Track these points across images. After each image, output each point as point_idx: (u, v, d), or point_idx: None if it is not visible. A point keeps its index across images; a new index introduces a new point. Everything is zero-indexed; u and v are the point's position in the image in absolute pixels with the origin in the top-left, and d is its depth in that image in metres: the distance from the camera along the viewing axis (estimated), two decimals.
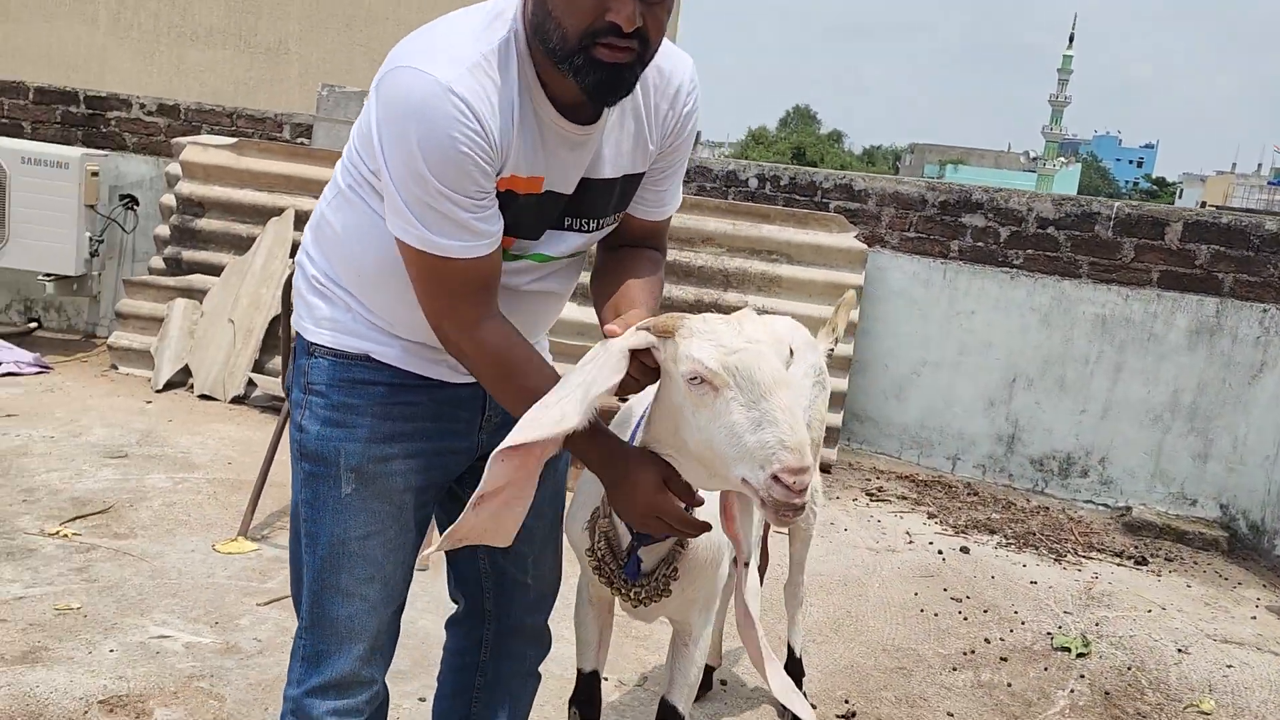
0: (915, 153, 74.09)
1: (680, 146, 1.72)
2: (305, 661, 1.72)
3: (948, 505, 5.06)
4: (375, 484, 1.68)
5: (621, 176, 1.66)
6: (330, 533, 1.69)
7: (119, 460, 4.31)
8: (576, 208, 1.64)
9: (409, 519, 1.74)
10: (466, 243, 1.48)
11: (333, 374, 1.67)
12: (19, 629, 2.88)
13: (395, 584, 1.74)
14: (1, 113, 6.22)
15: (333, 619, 1.70)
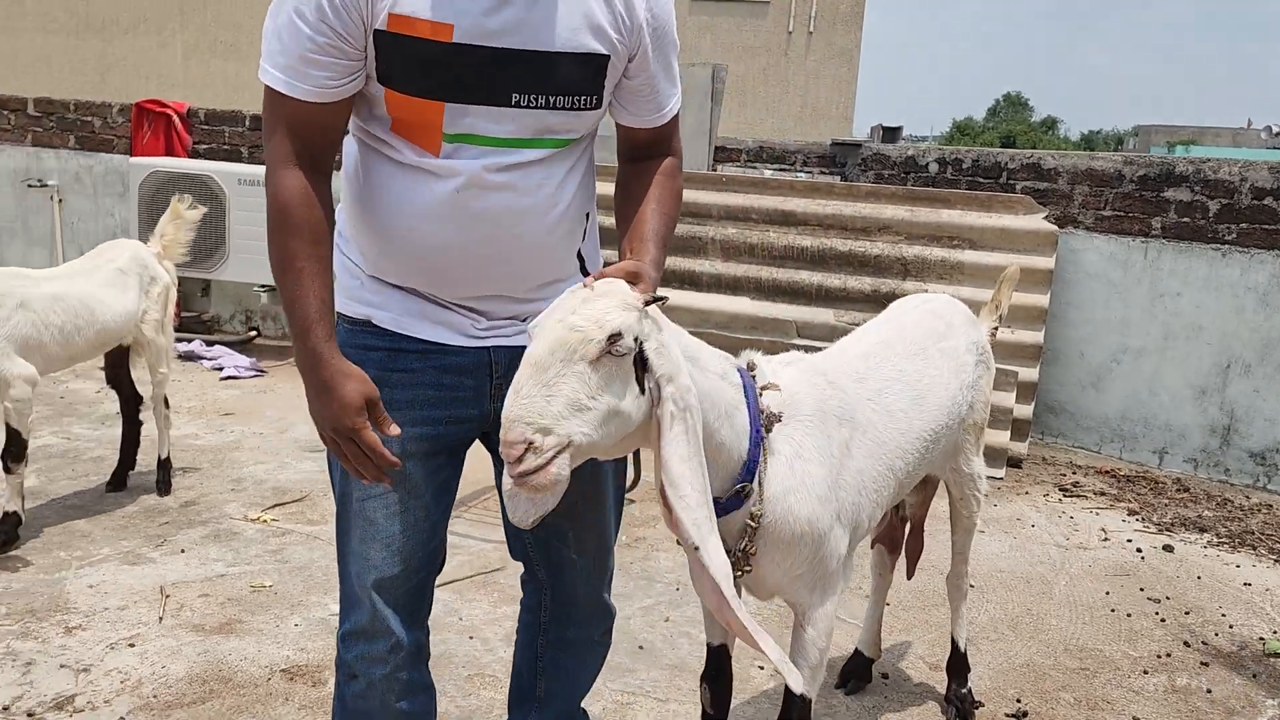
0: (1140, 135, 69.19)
1: (657, 39, 1.67)
2: (341, 610, 1.84)
3: (1152, 502, 4.68)
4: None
5: (579, 52, 1.59)
6: (341, 492, 1.78)
7: (317, 454, 4.62)
8: (524, 80, 1.57)
9: (417, 485, 1.75)
10: (296, 83, 1.53)
11: (344, 339, 1.70)
12: (218, 603, 3.14)
13: (403, 545, 1.76)
14: (224, 140, 6.82)
15: (346, 574, 1.80)
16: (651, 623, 3.20)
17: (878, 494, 2.06)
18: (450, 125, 1.58)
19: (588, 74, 1.63)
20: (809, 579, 1.89)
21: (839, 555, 1.91)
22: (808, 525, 1.81)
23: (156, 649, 2.84)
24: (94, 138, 6.96)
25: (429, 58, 1.53)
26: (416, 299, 1.73)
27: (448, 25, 1.51)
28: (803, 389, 1.88)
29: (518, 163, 1.63)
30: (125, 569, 3.33)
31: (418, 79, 1.54)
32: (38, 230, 7.05)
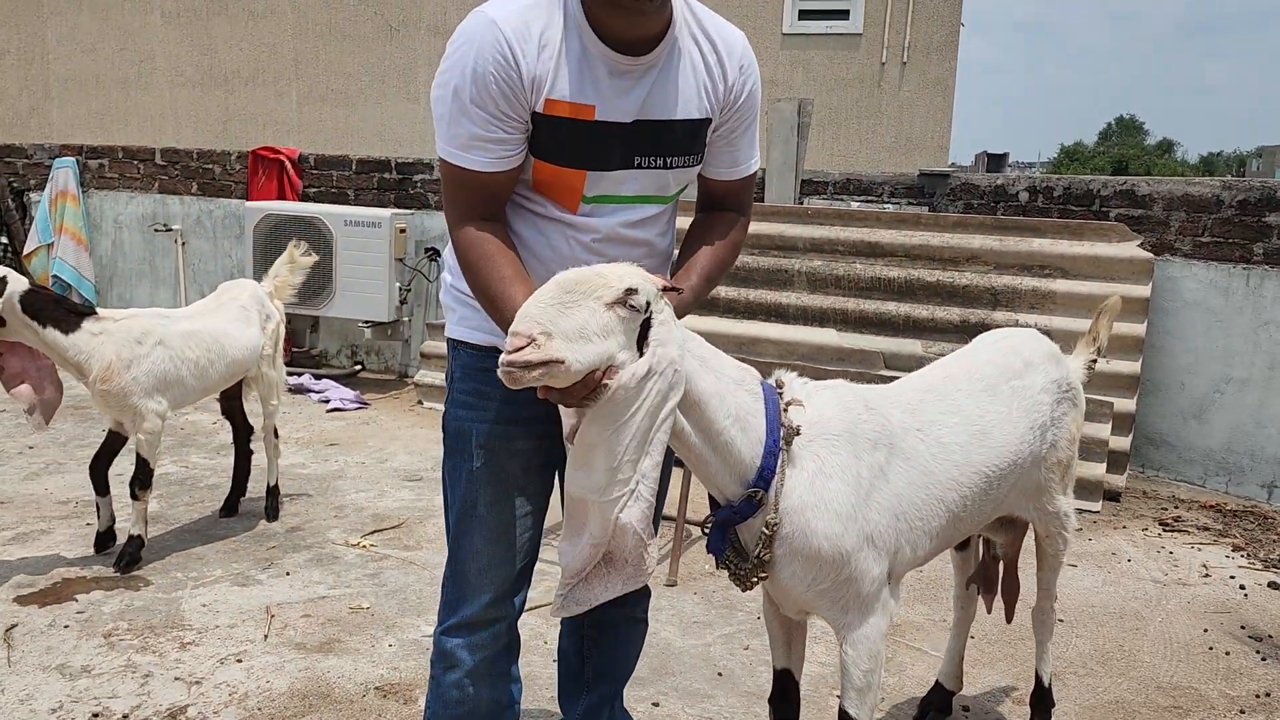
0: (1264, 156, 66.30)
1: (743, 109, 1.93)
2: (445, 605, 2.03)
3: (1260, 538, 4.52)
4: (500, 460, 1.93)
5: (685, 119, 1.86)
6: (463, 499, 1.96)
7: (414, 483, 4.82)
8: (645, 145, 1.83)
9: (533, 490, 1.99)
10: (475, 156, 1.75)
11: (468, 363, 1.95)
12: (319, 623, 3.32)
13: (518, 545, 2.00)
14: (331, 183, 7.17)
15: (463, 572, 1.99)
16: (732, 650, 3.24)
17: (924, 523, 2.05)
18: (589, 189, 1.83)
19: (693, 137, 1.89)
20: (837, 597, 1.92)
21: (872, 578, 1.92)
22: (827, 541, 1.85)
23: (262, 665, 3.02)
24: (214, 184, 7.40)
25: (575, 134, 1.78)
26: None
27: (590, 106, 1.77)
28: (834, 410, 1.93)
29: (644, 218, 1.91)
30: (235, 589, 3.54)
31: (565, 152, 1.79)
32: (163, 271, 7.52)
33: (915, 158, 10.13)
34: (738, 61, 1.91)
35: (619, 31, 1.75)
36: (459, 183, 1.78)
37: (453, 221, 1.81)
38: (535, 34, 1.72)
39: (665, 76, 1.83)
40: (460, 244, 1.79)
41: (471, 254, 1.77)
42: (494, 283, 1.73)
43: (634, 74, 1.79)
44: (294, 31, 11.74)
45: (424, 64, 11.34)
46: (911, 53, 10.10)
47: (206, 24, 11.94)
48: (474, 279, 1.77)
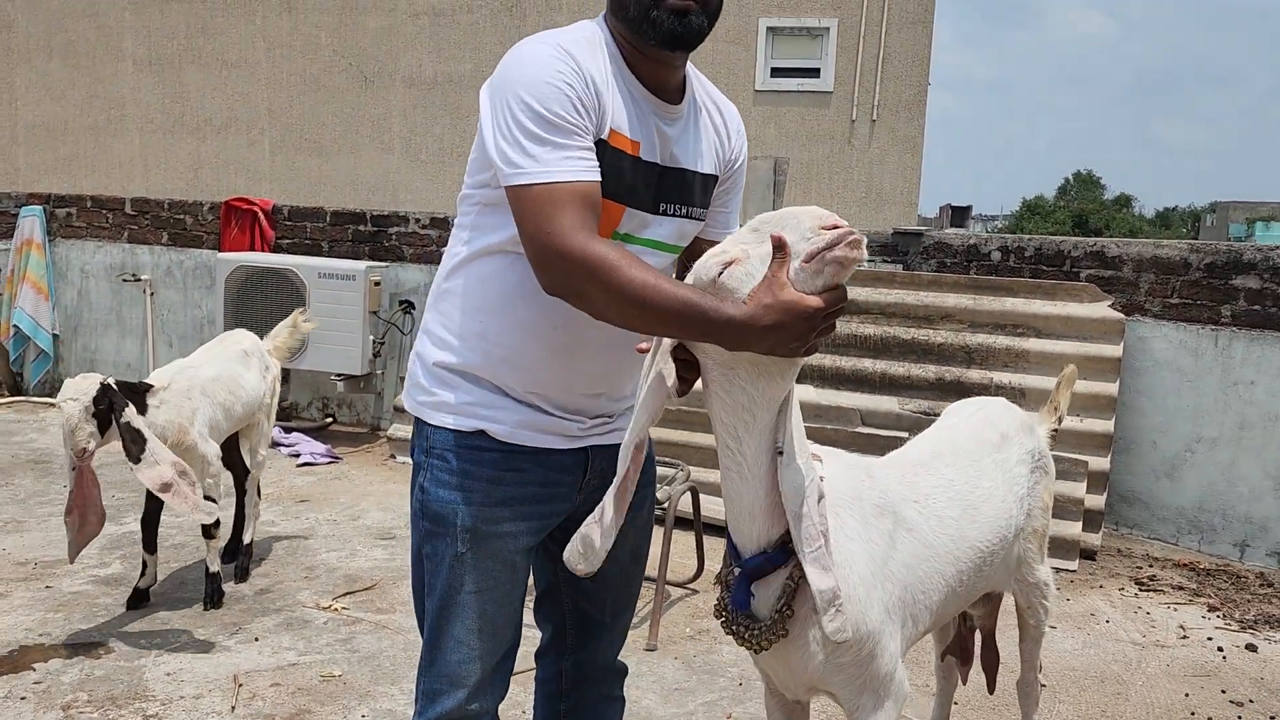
0: (1218, 211, 67.84)
1: (738, 173, 2.00)
2: (424, 697, 1.92)
3: (1234, 597, 4.53)
4: (487, 544, 1.84)
5: (704, 173, 1.89)
6: (446, 586, 1.85)
7: (387, 541, 4.73)
8: (669, 192, 1.83)
9: (519, 575, 1.90)
10: (570, 166, 1.64)
11: (453, 444, 1.83)
12: (289, 692, 3.22)
13: (503, 633, 1.91)
14: (305, 234, 7.13)
15: (445, 663, 1.88)
16: (714, 718, 3.18)
17: (926, 597, 2.04)
18: (622, 225, 1.79)
19: (706, 192, 1.91)
20: (855, 674, 1.86)
21: (891, 654, 1.88)
22: (849, 604, 1.77)
23: None
24: (185, 234, 7.34)
25: (624, 167, 1.75)
26: (527, 410, 1.85)
27: (636, 142, 1.76)
28: (839, 475, 1.90)
29: (664, 266, 1.87)
30: (201, 657, 3.43)
31: (615, 185, 1.74)
32: (130, 322, 7.41)
33: (885, 212, 10.26)
34: (736, 126, 1.98)
35: (649, 78, 1.78)
36: (561, 201, 1.62)
37: (564, 240, 1.59)
38: (595, 64, 1.72)
39: (688, 128, 1.86)
40: (585, 260, 1.58)
41: (606, 264, 1.57)
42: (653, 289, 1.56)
43: (666, 119, 1.81)
44: (267, 81, 11.74)
45: (398, 115, 11.37)
46: (881, 110, 10.28)
47: (179, 72, 11.92)
48: (626, 291, 1.56)
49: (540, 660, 2.20)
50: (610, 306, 1.59)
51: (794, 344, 1.52)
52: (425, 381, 1.90)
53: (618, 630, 2.17)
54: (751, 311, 1.51)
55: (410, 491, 1.95)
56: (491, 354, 1.84)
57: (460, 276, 1.89)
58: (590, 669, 2.17)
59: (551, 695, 2.20)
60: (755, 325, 1.51)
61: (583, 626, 2.13)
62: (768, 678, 2.06)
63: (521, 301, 1.79)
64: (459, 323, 1.87)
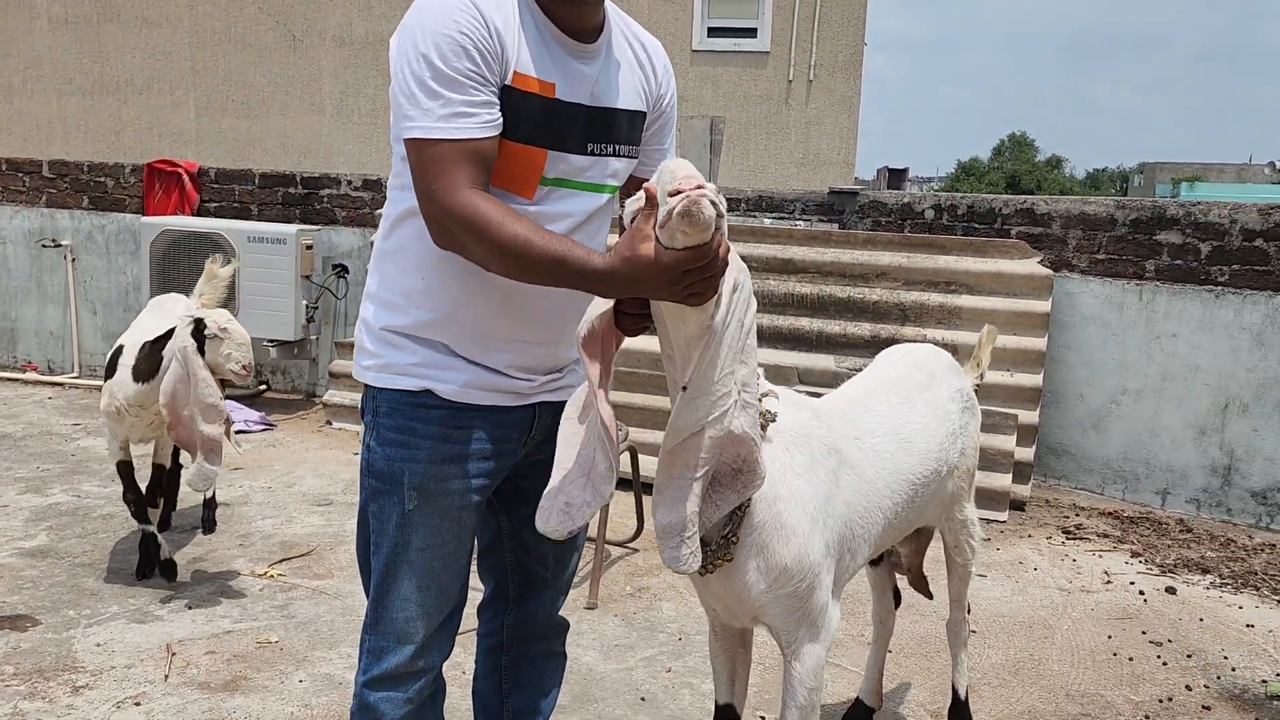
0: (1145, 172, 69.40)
1: (667, 110, 1.98)
2: (369, 655, 1.92)
3: (1155, 543, 4.69)
4: (435, 501, 1.84)
5: (629, 109, 1.88)
6: (393, 543, 1.86)
7: (324, 507, 4.68)
8: (595, 131, 1.82)
9: (465, 532, 1.91)
10: (459, 124, 1.64)
11: (397, 402, 1.83)
12: (224, 660, 3.18)
13: (450, 589, 1.92)
14: (234, 198, 6.95)
15: (391, 620, 1.88)
16: (654, 673, 3.22)
17: (866, 530, 2.11)
18: (549, 170, 1.78)
19: (634, 128, 1.91)
20: (794, 607, 1.91)
21: (826, 587, 1.94)
22: (795, 538, 1.85)
23: (162, 708, 2.88)
24: (107, 198, 7.11)
25: (539, 109, 1.74)
26: (476, 370, 1.84)
27: (551, 84, 1.74)
28: (788, 415, 1.94)
29: (595, 209, 1.87)
30: (133, 627, 3.37)
31: (529, 128, 1.73)
32: (51, 289, 7.18)
33: (822, 173, 10.32)
34: (662, 63, 1.97)
35: (564, 19, 1.76)
36: (447, 159, 1.64)
37: (446, 196, 1.63)
38: (499, 9, 1.70)
39: (608, 66, 1.84)
40: (465, 214, 1.62)
41: (485, 219, 1.61)
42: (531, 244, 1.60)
43: (583, 59, 1.79)
44: (191, 39, 11.37)
45: (328, 75, 11.10)
46: (818, 71, 10.29)
47: (97, 30, 11.49)
48: (502, 244, 1.61)
49: (482, 615, 2.21)
50: (491, 260, 1.66)
51: (662, 293, 1.56)
52: (371, 346, 1.89)
53: (559, 586, 2.19)
54: (611, 263, 1.57)
55: (360, 452, 1.94)
56: (439, 309, 1.83)
57: (397, 236, 1.87)
58: (532, 624, 2.19)
59: (493, 649, 2.22)
60: (614, 276, 1.57)
61: (524, 581, 2.15)
62: (713, 613, 2.10)
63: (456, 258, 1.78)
64: (402, 283, 1.85)
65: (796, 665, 1.97)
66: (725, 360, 1.64)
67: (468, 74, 1.65)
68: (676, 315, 1.62)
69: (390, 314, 1.86)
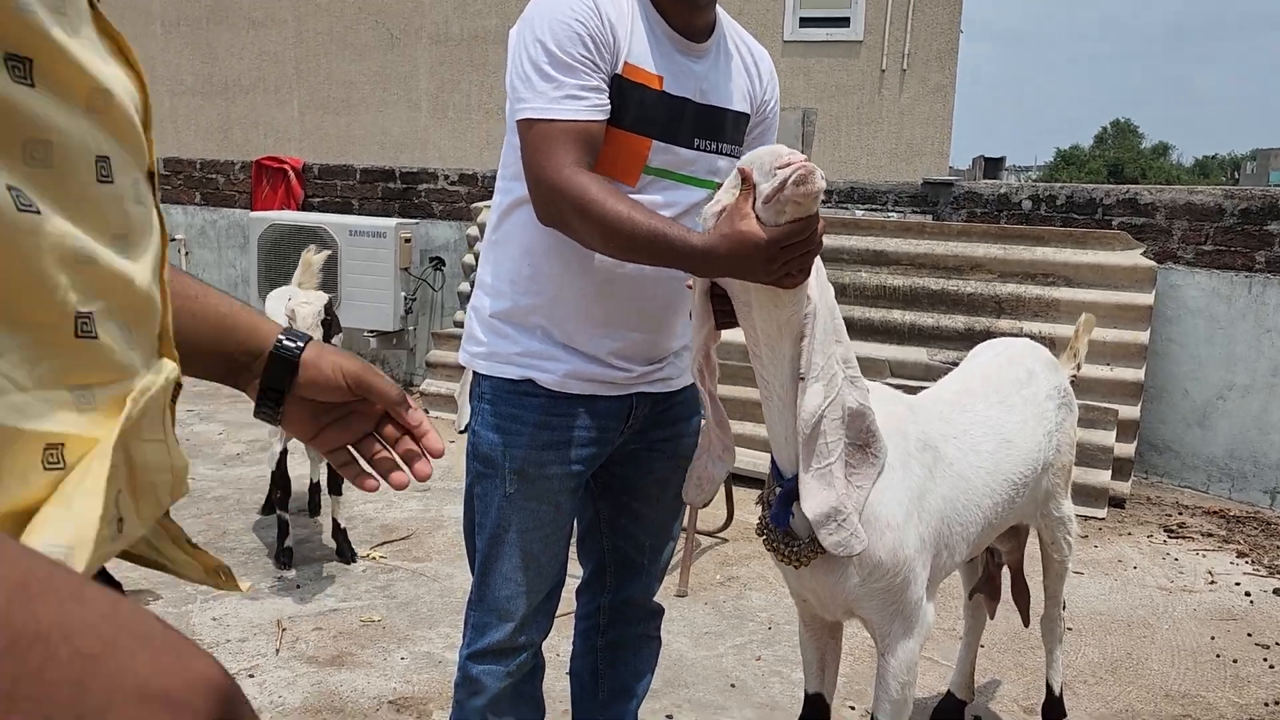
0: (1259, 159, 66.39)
1: (770, 116, 2.03)
2: (472, 629, 2.02)
3: (1263, 544, 4.54)
4: (534, 486, 1.92)
5: (735, 110, 1.93)
6: (495, 525, 1.95)
7: (422, 493, 4.83)
8: (702, 127, 1.87)
9: (564, 515, 1.98)
10: (571, 105, 1.72)
11: (499, 390, 1.93)
12: (331, 636, 3.33)
13: (549, 570, 2.00)
14: (335, 192, 7.19)
15: (494, 598, 1.97)
16: (743, 661, 3.26)
17: (964, 529, 2.11)
18: (653, 159, 1.84)
19: (739, 129, 1.95)
20: (888, 601, 1.92)
21: (922, 582, 1.95)
22: (890, 533, 1.85)
23: (274, 680, 3.03)
24: (218, 193, 7.42)
25: (647, 100, 1.80)
26: (577, 359, 1.91)
27: (659, 76, 1.81)
28: (881, 409, 1.95)
29: (696, 201, 1.90)
30: (246, 603, 3.55)
31: (636, 117, 1.80)
32: None
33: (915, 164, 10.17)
34: (768, 69, 2.02)
35: (676, 17, 1.83)
36: (556, 138, 1.71)
37: (553, 173, 1.70)
38: (615, 3, 1.77)
39: (717, 66, 1.90)
40: (572, 194, 1.68)
41: (590, 199, 1.67)
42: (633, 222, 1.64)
43: (692, 57, 1.85)
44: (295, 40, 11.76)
45: (425, 72, 11.35)
46: (911, 60, 10.14)
47: (207, 33, 11.97)
48: (608, 223, 1.66)
49: (580, 597, 2.29)
50: (592, 236, 1.71)
51: (759, 272, 1.59)
52: (479, 333, 1.98)
53: (654, 572, 2.25)
54: (711, 240, 1.61)
55: (467, 436, 2.04)
56: (542, 293, 1.90)
57: (508, 223, 1.95)
58: (627, 608, 2.25)
59: (590, 631, 2.29)
60: (714, 253, 1.60)
61: (621, 566, 2.21)
62: (803, 604, 2.13)
63: (566, 240, 1.83)
64: (509, 268, 1.93)
65: (890, 659, 1.98)
66: (824, 341, 1.68)
67: (580, 59, 1.73)
68: (769, 300, 1.66)
69: (497, 301, 1.94)
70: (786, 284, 1.61)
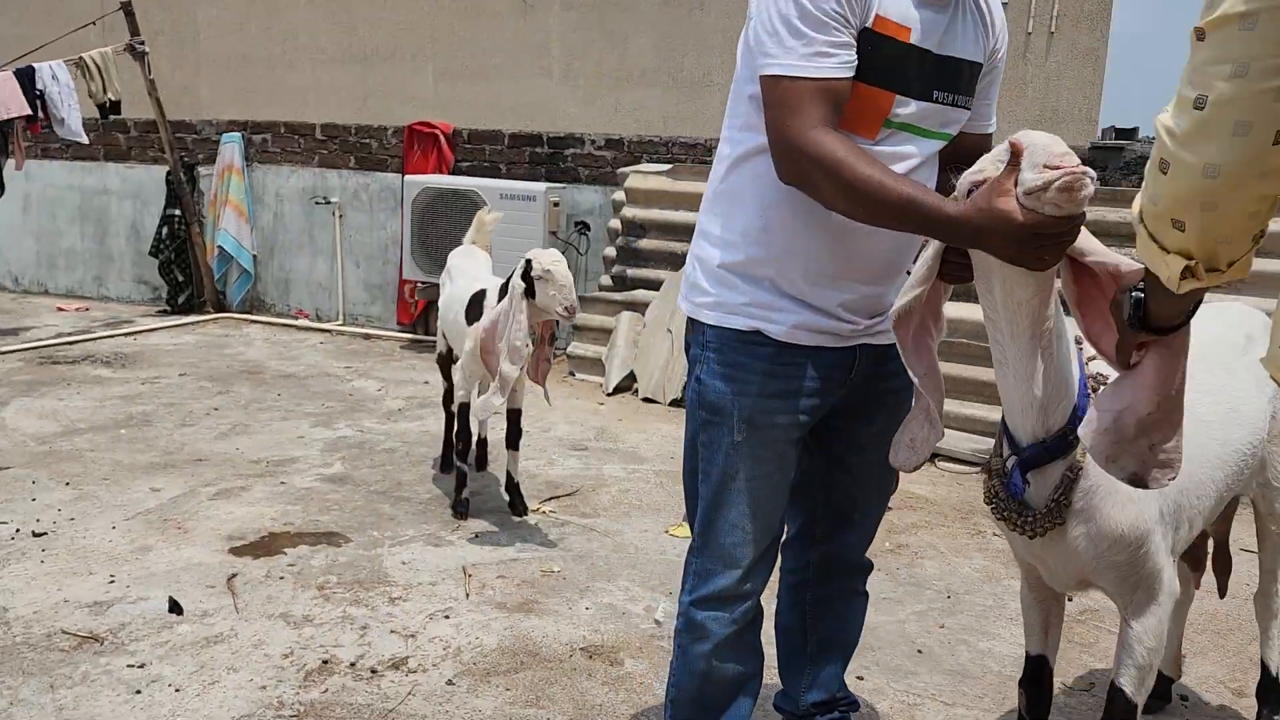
0: None
1: (999, 65, 1.99)
2: (696, 576, 2.04)
3: None
4: (762, 434, 1.93)
5: (971, 60, 1.89)
6: (721, 472, 1.96)
7: (581, 452, 4.89)
8: (941, 79, 1.84)
9: (788, 464, 1.99)
10: (819, 63, 1.69)
11: (726, 341, 1.93)
12: (515, 584, 3.40)
13: (773, 519, 2.01)
14: (484, 157, 7.31)
15: (719, 545, 1.99)
16: (927, 628, 3.22)
17: (1199, 500, 2.03)
18: (894, 114, 1.82)
19: (972, 79, 1.92)
20: (1128, 573, 1.87)
21: (1163, 552, 1.89)
22: (1130, 502, 1.80)
23: (469, 622, 3.12)
24: (371, 158, 7.62)
25: (894, 53, 1.78)
26: (806, 311, 1.91)
27: (907, 28, 1.78)
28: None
29: (932, 153, 1.90)
30: (430, 549, 3.66)
31: (883, 72, 1.78)
32: (321, 243, 7.78)
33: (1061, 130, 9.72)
34: (1000, 17, 1.96)
35: None
36: (804, 97, 1.70)
37: (800, 133, 1.69)
38: None
39: (956, 15, 1.85)
40: (823, 147, 1.67)
41: (839, 162, 1.66)
42: (884, 188, 1.63)
43: (936, 6, 1.81)
44: (430, 9, 11.97)
45: (556, 39, 11.39)
46: (1060, 21, 9.74)
47: (346, 3, 12.29)
48: (855, 188, 1.65)
49: (786, 552, 2.28)
50: (838, 199, 1.70)
51: (1010, 252, 1.55)
52: (705, 283, 1.98)
53: (867, 527, 2.25)
54: (965, 210, 1.58)
55: (686, 384, 2.04)
56: (774, 245, 1.89)
57: (738, 175, 1.94)
58: (837, 562, 2.26)
59: (797, 585, 2.30)
60: (967, 224, 1.57)
61: (833, 520, 2.21)
62: (1030, 572, 2.08)
63: (802, 195, 1.82)
64: (741, 220, 1.93)
65: (1136, 624, 1.92)
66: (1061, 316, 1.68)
67: (833, 15, 1.70)
68: (1013, 278, 1.62)
69: (726, 251, 1.94)
70: (1036, 267, 1.57)
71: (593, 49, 11.45)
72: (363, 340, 7.33)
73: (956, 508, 4.29)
